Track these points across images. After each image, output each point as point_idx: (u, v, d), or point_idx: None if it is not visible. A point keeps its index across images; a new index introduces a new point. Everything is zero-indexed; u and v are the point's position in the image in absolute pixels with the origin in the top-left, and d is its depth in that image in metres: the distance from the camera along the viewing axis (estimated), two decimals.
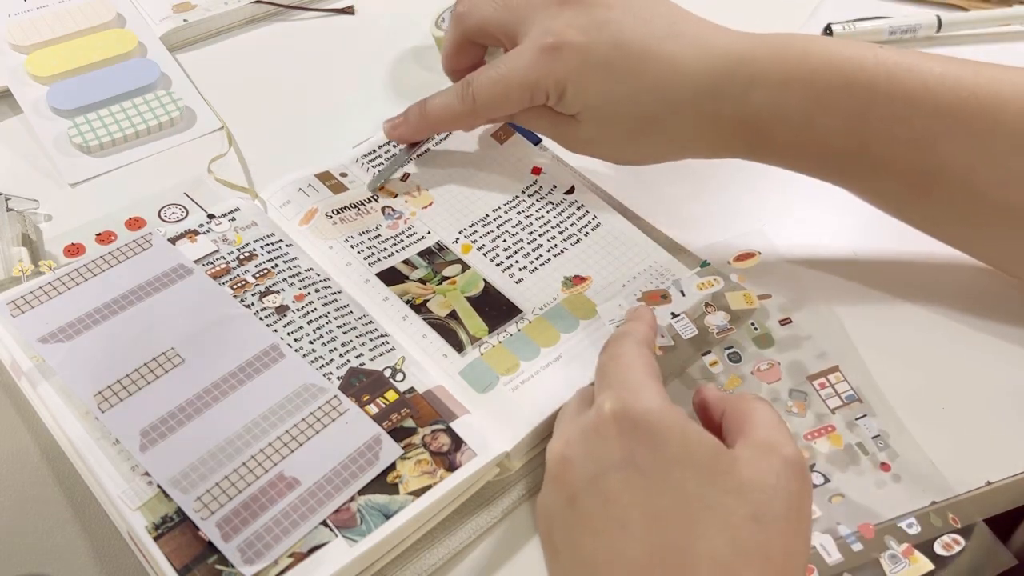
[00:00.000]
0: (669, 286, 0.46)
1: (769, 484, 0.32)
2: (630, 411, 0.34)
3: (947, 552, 0.39)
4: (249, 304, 0.45)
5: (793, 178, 0.47)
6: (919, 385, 0.45)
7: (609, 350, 0.39)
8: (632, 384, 0.36)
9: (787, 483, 0.33)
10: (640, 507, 0.32)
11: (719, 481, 0.32)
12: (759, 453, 0.33)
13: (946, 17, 0.67)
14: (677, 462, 0.33)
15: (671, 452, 0.33)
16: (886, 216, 0.47)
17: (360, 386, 0.42)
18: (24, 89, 0.59)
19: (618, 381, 0.37)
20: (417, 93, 0.62)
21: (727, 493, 0.32)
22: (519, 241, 0.50)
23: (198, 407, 0.40)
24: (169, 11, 0.66)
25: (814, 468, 0.41)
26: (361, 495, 0.38)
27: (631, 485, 0.33)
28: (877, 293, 0.49)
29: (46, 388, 0.41)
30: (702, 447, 0.33)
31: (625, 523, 0.32)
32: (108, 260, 0.46)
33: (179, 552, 0.36)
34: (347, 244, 0.49)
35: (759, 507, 0.32)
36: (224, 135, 0.58)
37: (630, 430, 0.34)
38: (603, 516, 0.33)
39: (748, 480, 0.32)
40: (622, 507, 0.33)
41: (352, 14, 0.70)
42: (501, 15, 0.48)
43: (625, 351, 0.38)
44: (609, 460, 0.34)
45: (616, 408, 0.35)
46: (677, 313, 0.44)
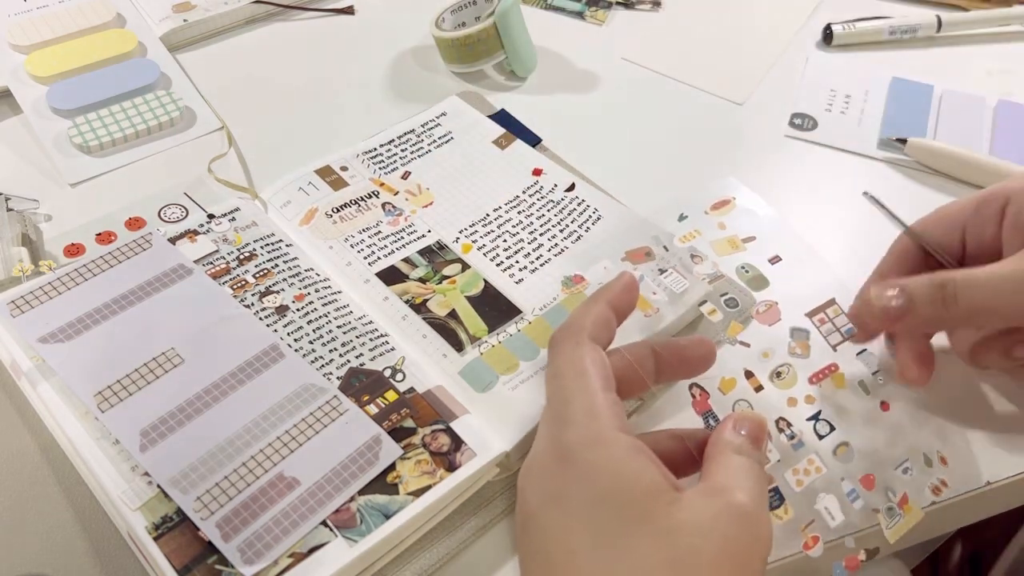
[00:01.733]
0: (650, 242, 0.45)
1: (702, 528, 0.31)
2: (567, 444, 0.33)
3: (936, 497, 0.40)
4: (249, 304, 0.45)
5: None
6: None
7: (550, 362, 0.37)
8: (569, 410, 0.34)
9: (725, 528, 0.31)
10: (560, 543, 0.32)
11: (645, 522, 0.31)
12: (703, 496, 0.32)
13: (946, 17, 0.67)
14: (603, 500, 0.32)
15: (598, 489, 0.32)
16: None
17: (360, 386, 0.42)
18: (24, 89, 0.59)
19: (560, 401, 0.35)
20: (417, 93, 0.62)
21: (649, 536, 0.31)
22: (519, 241, 0.50)
23: (198, 407, 0.40)
24: (169, 11, 0.66)
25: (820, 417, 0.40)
26: (361, 495, 0.38)
27: (555, 522, 0.32)
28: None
29: (46, 388, 0.41)
30: (636, 486, 0.32)
31: (550, 558, 0.32)
32: (108, 260, 0.46)
33: (179, 552, 0.36)
34: (347, 244, 0.49)
35: (682, 552, 0.30)
36: (224, 135, 0.58)
37: (566, 464, 0.33)
38: (538, 548, 0.33)
39: (679, 523, 0.31)
40: (548, 541, 0.32)
41: (352, 14, 0.70)
42: None
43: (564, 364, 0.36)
44: (547, 492, 0.33)
45: (554, 440, 0.34)
46: (665, 269, 0.43)
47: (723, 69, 0.65)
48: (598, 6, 0.70)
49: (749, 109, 0.62)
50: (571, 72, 0.65)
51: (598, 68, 0.65)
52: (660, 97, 0.63)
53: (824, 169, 0.58)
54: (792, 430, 0.39)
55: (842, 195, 0.56)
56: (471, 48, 0.61)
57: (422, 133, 0.56)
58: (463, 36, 0.60)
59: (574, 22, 0.69)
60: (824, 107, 0.62)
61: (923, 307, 0.38)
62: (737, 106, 0.62)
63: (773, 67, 0.65)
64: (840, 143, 0.59)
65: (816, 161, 0.58)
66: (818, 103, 0.62)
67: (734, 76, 0.64)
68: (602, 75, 0.64)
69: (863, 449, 0.40)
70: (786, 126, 0.60)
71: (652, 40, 0.67)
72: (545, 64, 0.64)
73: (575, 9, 0.70)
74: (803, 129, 0.60)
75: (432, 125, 0.57)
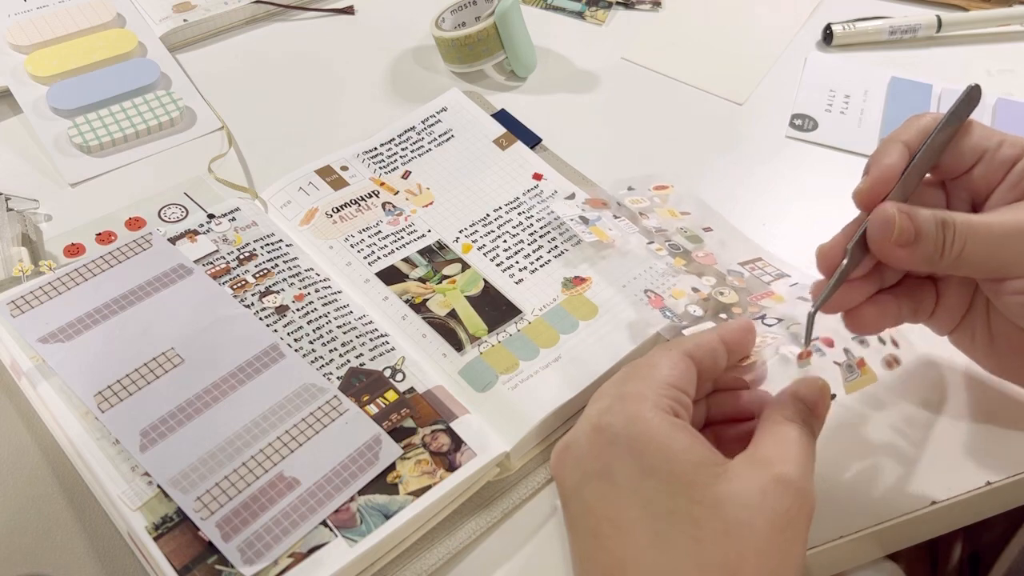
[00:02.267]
0: (608, 198, 0.52)
1: (752, 501, 0.31)
2: (611, 421, 0.34)
3: (888, 369, 0.42)
4: (249, 304, 0.45)
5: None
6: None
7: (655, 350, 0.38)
8: (613, 388, 0.36)
9: (774, 501, 0.31)
10: (610, 519, 0.32)
11: (695, 494, 0.31)
12: (751, 468, 0.32)
13: (946, 17, 0.67)
14: (652, 473, 0.32)
15: (647, 463, 0.32)
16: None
17: (360, 386, 0.42)
18: (24, 89, 0.59)
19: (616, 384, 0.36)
20: (417, 93, 0.62)
21: (700, 506, 0.31)
22: (519, 241, 0.50)
23: (198, 407, 0.40)
24: (169, 11, 0.66)
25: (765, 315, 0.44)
26: (361, 495, 0.38)
27: (604, 496, 0.33)
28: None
29: (46, 388, 0.41)
30: (684, 459, 0.32)
31: (596, 533, 0.33)
32: (108, 260, 0.46)
33: (179, 552, 0.36)
34: (347, 244, 0.49)
35: (731, 525, 0.31)
36: (224, 135, 0.58)
37: (612, 439, 0.34)
38: (582, 523, 0.34)
39: (728, 494, 0.31)
40: (596, 517, 0.33)
41: (352, 14, 0.70)
42: None
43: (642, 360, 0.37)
44: (591, 469, 0.34)
45: (599, 415, 0.35)
46: (618, 216, 0.51)
47: (723, 69, 0.65)
48: (598, 6, 0.70)
49: (749, 109, 0.62)
50: (571, 72, 0.64)
51: (598, 68, 0.65)
52: (660, 97, 0.63)
53: (824, 169, 0.58)
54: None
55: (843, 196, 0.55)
56: (471, 48, 0.61)
57: (422, 130, 0.56)
58: (463, 36, 0.60)
59: (574, 22, 0.69)
60: (824, 107, 0.62)
61: (926, 241, 0.37)
62: (737, 106, 0.62)
63: (773, 67, 0.65)
64: (840, 143, 0.59)
65: (816, 161, 0.58)
66: (818, 103, 0.62)
67: (734, 76, 0.64)
68: (602, 75, 0.64)
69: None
70: (786, 127, 0.60)
71: (652, 40, 0.67)
72: (545, 64, 0.64)
73: (575, 9, 0.70)
74: (803, 130, 0.60)
75: (433, 121, 0.57)
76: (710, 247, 0.50)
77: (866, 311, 0.40)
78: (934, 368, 0.46)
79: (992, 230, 0.37)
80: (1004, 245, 0.37)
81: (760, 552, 0.30)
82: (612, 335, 0.45)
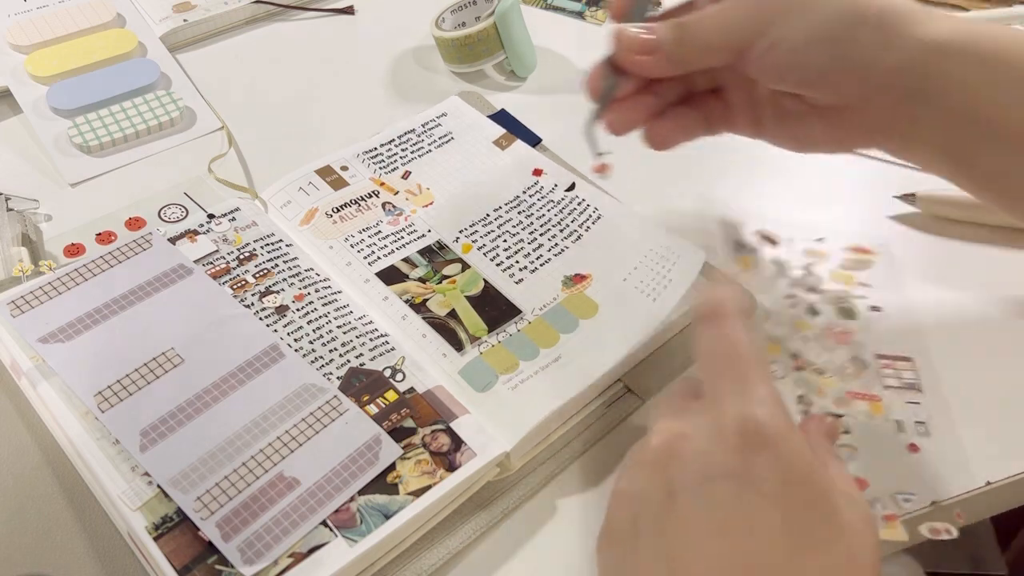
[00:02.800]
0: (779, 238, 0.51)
1: (860, 530, 0.32)
2: (763, 426, 0.33)
3: (932, 536, 0.40)
4: (249, 304, 0.45)
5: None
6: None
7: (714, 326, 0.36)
8: (758, 389, 0.34)
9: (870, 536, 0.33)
10: (746, 522, 0.32)
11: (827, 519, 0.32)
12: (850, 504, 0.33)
13: None
14: (794, 491, 0.32)
15: (791, 479, 0.32)
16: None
17: (360, 386, 0.42)
18: (24, 89, 0.59)
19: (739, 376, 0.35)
20: (417, 93, 0.62)
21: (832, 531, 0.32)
22: (519, 241, 0.50)
23: (198, 407, 0.40)
24: (169, 11, 0.66)
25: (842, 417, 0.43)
26: (361, 495, 0.38)
27: (743, 498, 0.32)
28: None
29: (46, 388, 0.41)
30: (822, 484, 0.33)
31: (726, 532, 0.32)
32: (108, 260, 0.46)
33: (179, 552, 0.36)
34: (347, 243, 0.49)
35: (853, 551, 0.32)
36: (224, 135, 0.58)
37: (758, 446, 0.32)
38: (705, 519, 0.32)
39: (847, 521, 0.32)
40: (727, 516, 0.32)
41: (352, 14, 0.70)
42: None
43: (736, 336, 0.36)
44: (725, 467, 0.32)
45: (748, 420, 0.33)
46: (780, 260, 0.49)
47: None
48: (598, 6, 0.70)
49: None
50: (571, 72, 0.64)
51: None
52: None
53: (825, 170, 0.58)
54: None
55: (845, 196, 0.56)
56: (471, 48, 0.61)
57: (422, 133, 0.56)
58: (463, 36, 0.60)
59: (574, 22, 0.69)
60: None
61: (667, 43, 0.42)
62: None
63: None
64: None
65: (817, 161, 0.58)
66: None
67: None
68: None
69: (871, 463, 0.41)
70: None
71: None
72: (545, 64, 0.64)
73: (575, 9, 0.70)
74: None
75: (432, 125, 0.57)
76: (855, 327, 0.47)
77: (659, 125, 0.45)
78: (934, 368, 0.46)
79: (715, 15, 0.42)
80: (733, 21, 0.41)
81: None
82: (613, 334, 0.45)
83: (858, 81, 0.41)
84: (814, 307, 0.47)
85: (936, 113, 0.41)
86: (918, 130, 0.42)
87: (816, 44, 0.40)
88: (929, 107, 0.41)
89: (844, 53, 0.41)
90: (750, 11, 0.42)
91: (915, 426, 0.43)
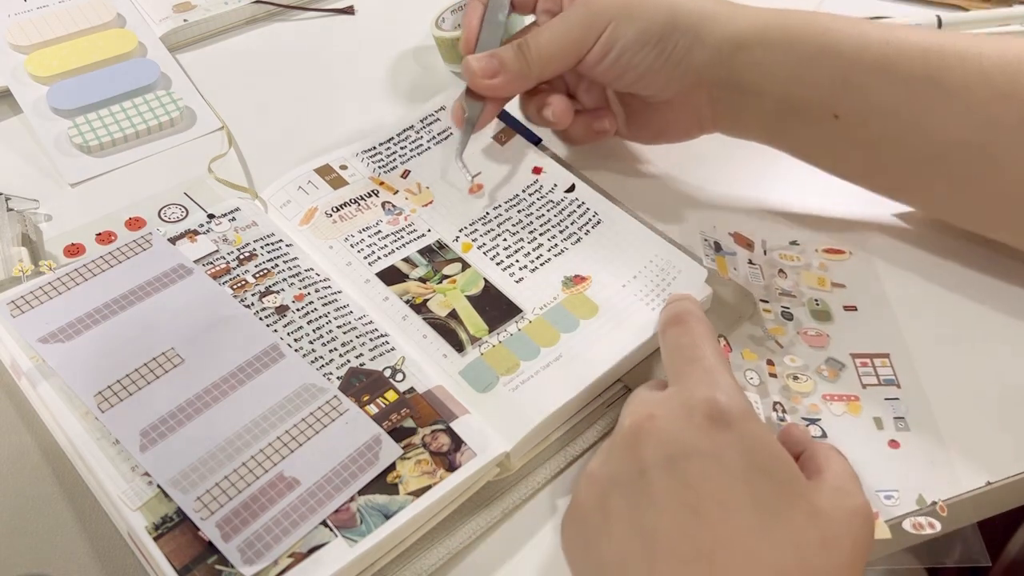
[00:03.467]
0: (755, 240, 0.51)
1: (840, 521, 0.33)
2: (728, 410, 0.35)
3: (915, 531, 0.40)
4: (249, 304, 0.45)
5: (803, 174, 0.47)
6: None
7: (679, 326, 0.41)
8: (722, 378, 0.36)
9: (855, 528, 0.33)
10: (715, 498, 0.33)
11: (796, 502, 0.33)
12: (833, 493, 0.34)
13: (946, 17, 0.67)
14: (761, 471, 0.33)
15: (757, 461, 0.34)
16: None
17: (360, 386, 0.42)
18: (24, 89, 0.59)
19: (704, 368, 0.37)
20: (417, 93, 0.62)
21: (801, 513, 0.33)
22: (519, 240, 0.50)
23: (198, 407, 0.40)
24: (169, 11, 0.66)
25: (818, 422, 0.43)
26: (361, 495, 0.38)
27: (711, 475, 0.33)
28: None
29: (46, 388, 0.41)
30: (786, 467, 0.34)
31: (697, 509, 0.33)
32: (108, 260, 0.46)
33: (179, 552, 0.36)
34: (347, 243, 0.49)
35: (829, 536, 0.32)
36: (224, 135, 0.58)
37: (723, 427, 0.34)
38: (676, 497, 0.33)
39: (823, 508, 0.33)
40: (696, 493, 0.33)
41: (352, 14, 0.70)
42: None
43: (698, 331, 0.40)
44: (693, 445, 0.34)
45: (714, 401, 0.35)
46: (755, 262, 0.50)
47: None
48: None
49: None
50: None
51: None
52: None
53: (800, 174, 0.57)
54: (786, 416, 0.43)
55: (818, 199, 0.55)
56: None
57: (421, 129, 0.56)
58: None
59: None
60: None
61: (510, 64, 0.49)
62: None
63: None
64: None
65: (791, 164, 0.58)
66: None
67: None
68: None
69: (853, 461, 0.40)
70: None
71: None
72: None
73: None
74: None
75: (431, 120, 0.57)
76: (833, 328, 0.47)
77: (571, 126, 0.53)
78: (912, 362, 0.46)
79: (551, 30, 0.48)
80: (567, 34, 0.48)
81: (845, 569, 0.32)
82: (613, 334, 0.45)
83: (679, 77, 0.48)
84: (788, 311, 0.47)
85: (746, 98, 0.48)
86: (738, 114, 0.49)
87: (642, 48, 0.47)
88: (740, 93, 0.48)
89: (665, 54, 0.47)
90: (582, 22, 0.48)
91: (894, 422, 0.43)
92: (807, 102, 0.46)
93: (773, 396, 0.44)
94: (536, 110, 0.52)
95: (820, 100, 0.46)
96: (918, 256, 0.51)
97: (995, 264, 0.50)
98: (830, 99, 0.45)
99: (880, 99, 0.44)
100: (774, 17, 0.46)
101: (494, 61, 0.49)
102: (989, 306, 0.48)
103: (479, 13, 0.52)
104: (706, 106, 0.49)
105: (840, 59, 0.45)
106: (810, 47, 0.45)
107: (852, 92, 0.45)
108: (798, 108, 0.46)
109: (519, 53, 0.48)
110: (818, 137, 0.47)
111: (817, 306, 0.48)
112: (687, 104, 0.49)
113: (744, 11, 0.47)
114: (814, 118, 0.46)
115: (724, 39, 0.46)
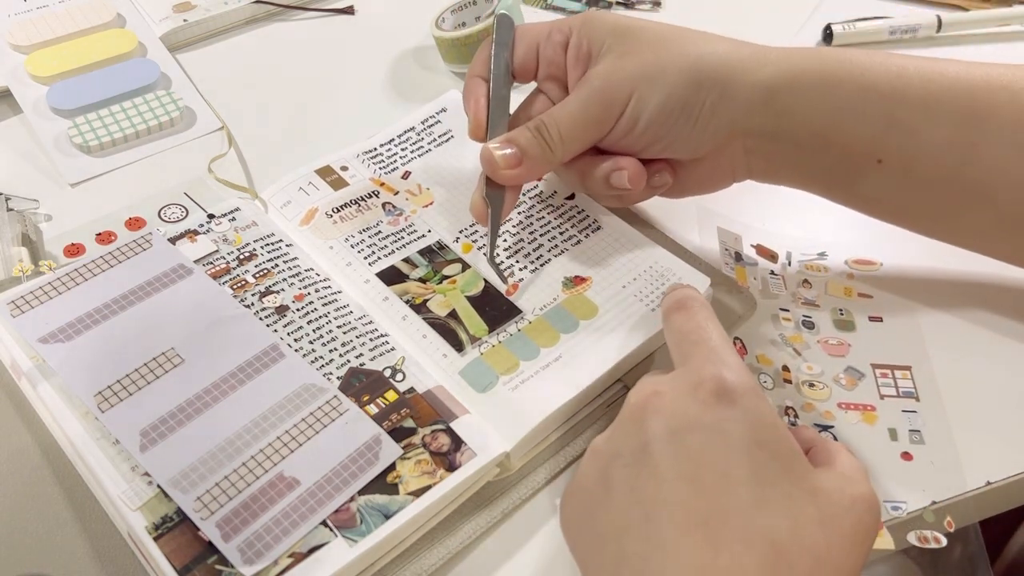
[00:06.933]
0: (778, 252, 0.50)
1: (842, 504, 0.33)
2: (733, 386, 0.35)
3: (920, 544, 0.40)
4: (249, 304, 0.45)
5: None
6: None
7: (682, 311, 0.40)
8: (728, 357, 0.36)
9: (858, 514, 0.33)
10: (715, 470, 0.33)
11: (796, 479, 0.33)
12: (838, 479, 0.34)
13: (946, 17, 0.67)
14: (762, 446, 0.33)
15: (760, 436, 0.34)
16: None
17: (360, 386, 0.42)
18: (24, 89, 0.59)
19: (710, 347, 0.37)
20: (417, 93, 0.62)
21: (799, 490, 0.33)
22: (519, 241, 0.50)
23: (198, 407, 0.40)
24: (169, 11, 0.66)
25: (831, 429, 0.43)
26: (361, 495, 0.38)
27: (712, 447, 0.33)
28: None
29: (46, 388, 0.41)
30: (788, 444, 0.34)
31: (695, 479, 0.33)
32: (108, 260, 0.46)
33: (179, 552, 0.36)
34: (347, 244, 0.49)
35: (827, 516, 0.32)
36: (224, 135, 0.58)
37: (728, 402, 0.34)
38: (675, 467, 0.33)
39: (822, 489, 0.33)
40: (696, 464, 0.33)
41: (352, 14, 0.70)
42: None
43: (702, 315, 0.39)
44: (697, 419, 0.34)
45: (720, 378, 0.35)
46: (776, 273, 0.49)
47: None
48: (598, 6, 0.70)
49: None
50: None
51: None
52: None
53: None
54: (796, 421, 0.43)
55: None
56: (471, 48, 0.61)
57: (422, 131, 0.56)
58: (463, 36, 0.60)
59: None
60: None
61: (531, 150, 0.45)
62: None
63: None
64: None
65: None
66: None
67: None
68: None
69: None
70: None
71: None
72: None
73: (575, 9, 0.70)
74: None
75: (432, 122, 0.57)
76: (856, 338, 0.47)
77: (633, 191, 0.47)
78: (934, 376, 0.46)
79: (570, 110, 0.45)
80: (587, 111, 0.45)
81: (843, 551, 0.32)
82: (613, 334, 0.45)
83: (711, 137, 0.45)
84: (810, 320, 0.47)
85: (782, 146, 0.45)
86: (774, 162, 0.46)
87: (668, 117, 0.44)
88: (776, 141, 0.45)
89: (694, 117, 0.44)
90: (602, 98, 0.44)
91: (909, 434, 0.43)
92: (848, 147, 0.44)
93: (786, 401, 0.44)
94: (604, 179, 0.47)
95: (862, 143, 0.43)
96: (950, 270, 0.50)
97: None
98: (872, 142, 0.43)
99: (927, 140, 0.42)
100: (805, 58, 0.44)
101: (515, 150, 0.45)
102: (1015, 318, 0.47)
103: (484, 91, 0.48)
104: (740, 156, 0.46)
105: (883, 101, 0.42)
106: (848, 88, 0.43)
107: (898, 134, 0.43)
108: (838, 153, 0.44)
109: (539, 137, 0.45)
110: (860, 181, 0.45)
111: (841, 315, 0.48)
112: (720, 157, 0.46)
113: (772, 54, 0.44)
114: (855, 163, 0.44)
115: (755, 88, 0.43)
